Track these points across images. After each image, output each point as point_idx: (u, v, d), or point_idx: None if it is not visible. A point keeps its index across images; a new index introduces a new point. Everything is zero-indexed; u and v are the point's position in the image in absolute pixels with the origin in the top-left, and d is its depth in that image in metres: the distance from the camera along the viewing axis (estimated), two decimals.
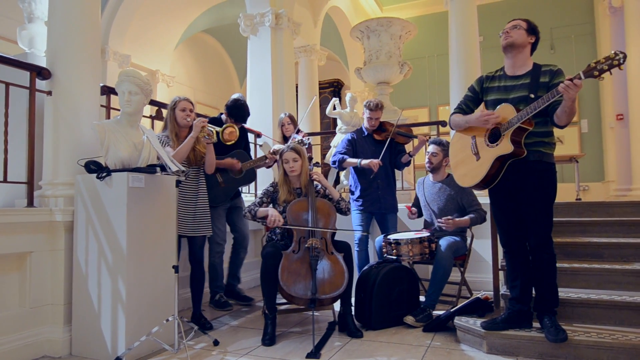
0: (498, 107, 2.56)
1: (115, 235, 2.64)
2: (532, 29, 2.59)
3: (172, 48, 8.76)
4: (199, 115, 4.32)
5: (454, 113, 2.81)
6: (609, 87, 7.31)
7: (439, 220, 3.40)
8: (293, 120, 4.61)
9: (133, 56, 7.67)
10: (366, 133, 3.94)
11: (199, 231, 3.23)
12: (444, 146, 3.62)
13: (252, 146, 4.72)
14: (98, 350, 2.64)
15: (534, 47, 2.63)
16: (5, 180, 2.78)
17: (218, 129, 3.30)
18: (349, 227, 3.85)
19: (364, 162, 3.70)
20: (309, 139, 4.32)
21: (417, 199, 3.87)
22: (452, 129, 2.88)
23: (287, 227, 3.04)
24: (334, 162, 3.93)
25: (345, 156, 3.84)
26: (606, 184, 7.52)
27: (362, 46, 6.24)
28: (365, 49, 6.09)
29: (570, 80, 2.22)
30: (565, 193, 5.91)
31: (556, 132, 2.65)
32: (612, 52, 2.17)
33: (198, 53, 10.02)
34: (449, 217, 3.39)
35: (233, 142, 3.39)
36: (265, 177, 4.98)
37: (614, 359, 2.38)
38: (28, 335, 2.65)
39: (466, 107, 2.79)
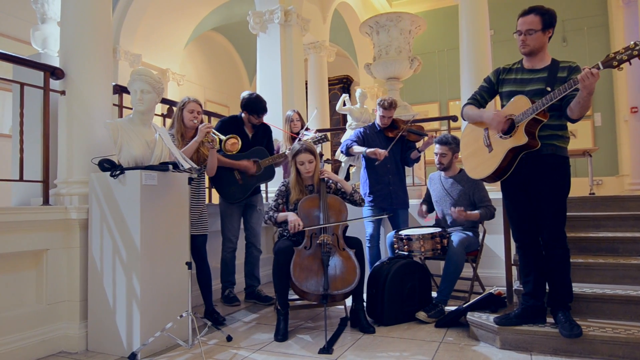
0: (512, 98, 2.53)
1: (129, 233, 2.67)
2: (548, 24, 2.49)
3: (182, 47, 8.80)
4: (209, 113, 4.36)
5: (467, 104, 2.78)
6: (623, 80, 7.20)
7: (451, 209, 3.38)
8: (301, 117, 4.61)
9: (144, 55, 7.72)
10: (378, 129, 3.95)
11: (199, 230, 3.27)
12: (450, 144, 3.58)
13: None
14: (114, 345, 2.68)
15: (550, 37, 2.57)
16: (21, 179, 2.83)
17: (222, 137, 3.27)
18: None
19: (369, 150, 3.72)
20: (320, 134, 4.32)
21: (428, 194, 3.85)
22: (464, 120, 2.85)
23: (308, 228, 3.02)
24: (342, 148, 3.96)
25: (354, 143, 3.86)
26: (620, 178, 7.41)
27: (372, 42, 6.21)
28: (375, 45, 6.07)
29: (589, 69, 2.20)
30: (578, 187, 5.83)
31: (569, 126, 2.62)
32: (632, 42, 2.14)
33: (207, 51, 10.05)
34: (461, 207, 3.37)
35: (234, 152, 3.33)
36: (277, 176, 4.98)
37: (630, 355, 2.36)
38: (45, 332, 2.70)
39: (480, 97, 2.76)
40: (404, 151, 3.93)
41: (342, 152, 4.01)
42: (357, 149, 3.82)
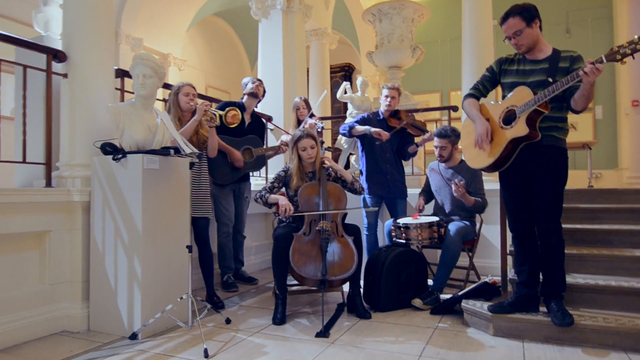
0: (514, 89, 2.54)
1: (131, 216, 2.71)
2: (530, 18, 2.50)
3: (184, 31, 8.74)
4: (210, 99, 4.38)
5: (470, 95, 2.77)
6: (624, 73, 7.18)
7: (453, 182, 3.39)
8: (308, 105, 4.61)
9: (145, 39, 7.68)
10: (382, 117, 3.94)
11: (201, 212, 3.31)
12: (450, 136, 3.59)
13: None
14: (115, 326, 2.74)
15: (540, 26, 2.58)
16: (24, 161, 2.86)
17: (221, 112, 3.34)
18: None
19: (373, 129, 3.74)
20: (322, 122, 4.34)
21: (427, 184, 3.87)
22: (463, 110, 2.86)
23: (298, 214, 3.06)
24: (343, 129, 3.94)
25: (356, 124, 3.87)
26: (619, 172, 7.43)
27: (374, 30, 6.18)
28: (377, 33, 6.03)
29: (592, 63, 2.21)
30: (577, 180, 5.86)
31: (570, 118, 2.63)
32: (636, 36, 2.14)
33: (209, 36, 9.99)
34: (463, 181, 3.40)
35: (236, 124, 3.45)
36: (276, 163, 5.01)
37: (619, 343, 2.41)
38: (48, 311, 2.75)
39: (482, 87, 2.76)
40: (401, 143, 3.91)
41: (343, 133, 3.99)
42: (359, 128, 3.82)
